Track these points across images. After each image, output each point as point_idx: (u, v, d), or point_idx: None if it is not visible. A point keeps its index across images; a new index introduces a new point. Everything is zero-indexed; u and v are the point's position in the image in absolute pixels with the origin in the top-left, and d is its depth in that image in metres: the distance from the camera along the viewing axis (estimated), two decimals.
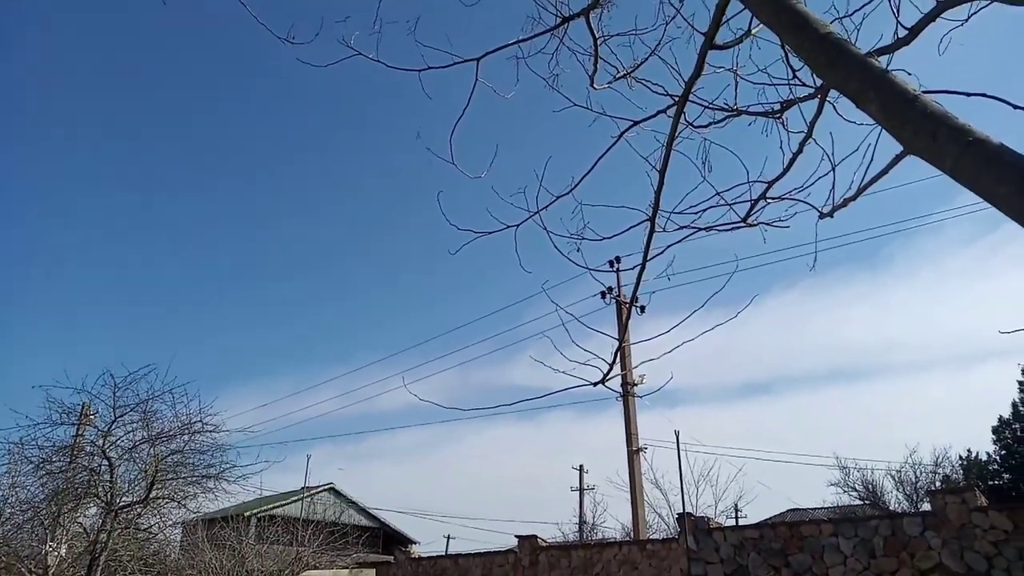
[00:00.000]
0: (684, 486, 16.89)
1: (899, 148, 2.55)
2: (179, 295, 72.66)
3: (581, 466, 34.12)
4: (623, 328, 6.01)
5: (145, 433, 17.22)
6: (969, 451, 27.79)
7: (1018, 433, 26.39)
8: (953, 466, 27.60)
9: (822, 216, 3.41)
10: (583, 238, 4.93)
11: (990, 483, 25.19)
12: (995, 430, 27.07)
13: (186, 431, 17.53)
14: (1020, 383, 27.14)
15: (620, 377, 20.03)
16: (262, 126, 71.21)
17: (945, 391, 49.87)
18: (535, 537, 16.16)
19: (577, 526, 32.66)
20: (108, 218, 66.97)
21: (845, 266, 63.31)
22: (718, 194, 3.84)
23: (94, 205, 66.01)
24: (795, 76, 3.54)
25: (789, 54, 3.55)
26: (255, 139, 71.60)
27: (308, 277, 78.33)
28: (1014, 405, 26.79)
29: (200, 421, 17.47)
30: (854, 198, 3.18)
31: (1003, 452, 26.77)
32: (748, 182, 3.78)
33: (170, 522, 18.57)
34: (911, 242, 71.63)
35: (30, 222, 62.46)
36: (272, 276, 77.14)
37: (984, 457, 27.26)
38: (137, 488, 16.94)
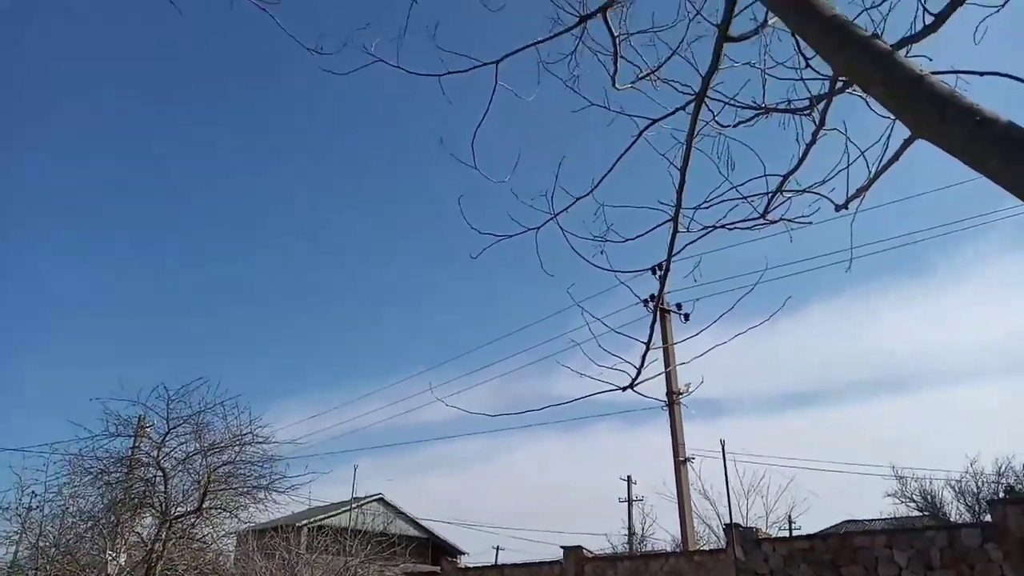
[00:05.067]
0: (732, 496, 16.55)
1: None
2: (224, 313, 74.31)
3: (629, 477, 33.75)
4: (653, 334, 5.90)
5: (197, 444, 17.55)
6: None
7: None
8: (1017, 475, 26.51)
9: (837, 208, 3.29)
10: (606, 240, 4.87)
11: None
12: None
13: (237, 442, 17.82)
14: None
15: (665, 386, 19.76)
16: (293, 140, 72.58)
17: (1003, 399, 47.96)
18: (580, 548, 15.99)
19: (626, 537, 32.29)
20: (147, 233, 69.08)
21: (888, 275, 61.51)
22: (734, 188, 3.75)
23: (129, 215, 68.17)
24: (808, 65, 3.44)
25: (802, 43, 3.45)
26: (288, 154, 73.03)
27: (350, 293, 79.29)
28: None
29: (250, 433, 17.75)
30: (867, 187, 3.06)
31: None
32: (764, 175, 3.68)
33: (223, 532, 18.89)
34: (953, 248, 69.27)
35: (67, 234, 64.76)
36: (313, 293, 78.30)
37: None
38: (190, 498, 17.27)
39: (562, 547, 16.36)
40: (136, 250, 69.11)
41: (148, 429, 18.61)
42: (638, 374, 5.35)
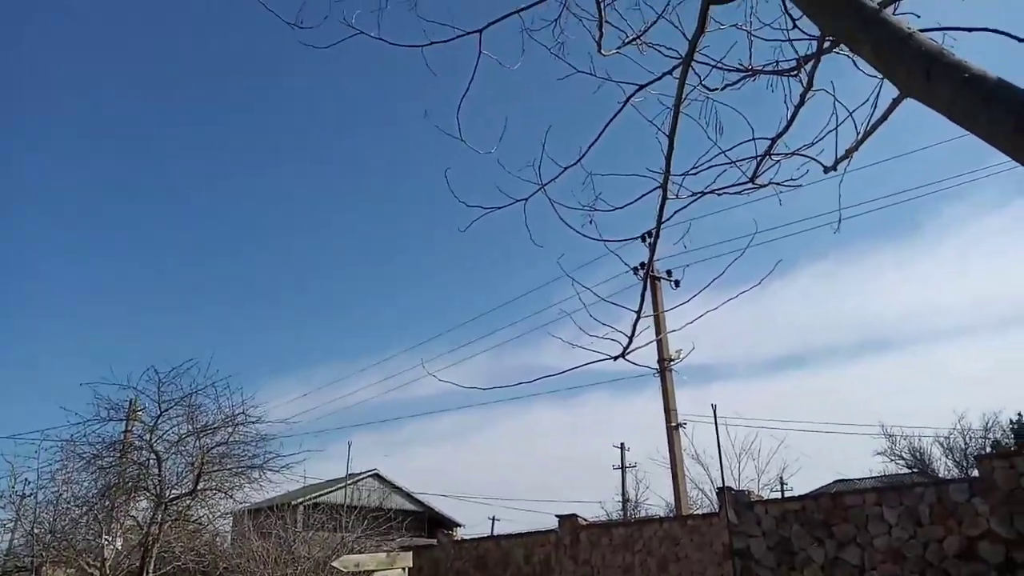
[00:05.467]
0: (724, 460, 16.76)
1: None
2: (217, 298, 74.19)
3: (622, 444, 34.06)
4: (643, 302, 5.91)
5: (190, 426, 17.53)
6: (1020, 415, 27.06)
7: None
8: (1004, 431, 26.95)
9: (826, 170, 3.29)
10: (595, 209, 4.85)
11: None
12: None
13: (230, 423, 17.82)
14: None
15: (656, 353, 19.87)
16: (280, 122, 72.02)
17: (988, 356, 48.65)
18: (575, 516, 16.17)
19: (620, 504, 32.67)
20: (139, 223, 68.59)
21: (873, 236, 61.82)
22: (723, 153, 3.74)
23: (124, 212, 67.74)
24: (795, 26, 3.41)
25: (788, 4, 3.42)
26: (278, 136, 72.51)
27: (339, 275, 79.19)
28: None
29: (243, 413, 17.75)
30: (855, 148, 3.06)
31: None
32: (753, 139, 3.67)
33: (219, 513, 18.95)
34: (937, 208, 69.67)
35: (59, 228, 64.24)
36: (307, 275, 78.16)
37: None
38: (185, 481, 17.29)
39: (557, 516, 16.53)
40: (135, 250, 68.79)
41: (140, 412, 18.58)
42: (630, 342, 5.36)
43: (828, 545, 12.39)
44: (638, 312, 5.39)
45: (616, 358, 5.27)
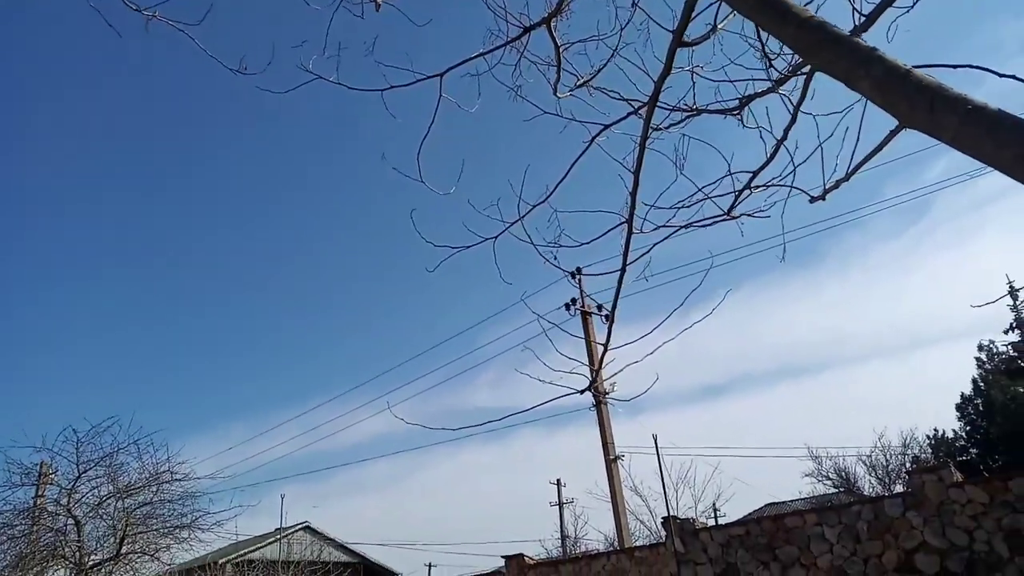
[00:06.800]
0: (666, 490, 16.92)
1: (886, 127, 2.56)
2: (131, 357, 70.75)
3: (559, 480, 33.95)
4: (610, 337, 5.98)
5: (112, 487, 16.70)
6: (935, 430, 28.34)
7: (980, 408, 26.98)
8: (921, 446, 28.15)
9: (813, 200, 3.43)
10: (560, 245, 4.92)
11: (959, 459, 25.68)
12: (958, 407, 27.61)
13: (154, 482, 17.06)
14: (977, 360, 27.86)
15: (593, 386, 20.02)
16: (200, 179, 70.14)
17: (902, 376, 50.96)
18: (522, 556, 15.98)
19: (560, 541, 32.48)
20: (48, 278, 65.34)
21: (782, 267, 64.29)
22: (700, 189, 3.85)
23: (38, 263, 64.43)
24: (771, 66, 3.57)
25: (765, 45, 3.58)
26: (197, 194, 70.57)
27: (254, 330, 76.98)
28: (974, 381, 27.43)
29: (168, 471, 17.05)
30: (846, 179, 3.20)
31: (968, 428, 27.34)
32: (730, 174, 3.79)
33: None
34: (839, 236, 73.28)
35: None
36: (227, 333, 75.57)
37: (951, 434, 27.82)
38: (107, 545, 16.39)
39: (503, 556, 16.30)
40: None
41: (53, 476, 17.63)
42: (595, 377, 5.42)
43: (773, 567, 12.61)
44: (605, 346, 5.45)
45: (584, 391, 5.34)
